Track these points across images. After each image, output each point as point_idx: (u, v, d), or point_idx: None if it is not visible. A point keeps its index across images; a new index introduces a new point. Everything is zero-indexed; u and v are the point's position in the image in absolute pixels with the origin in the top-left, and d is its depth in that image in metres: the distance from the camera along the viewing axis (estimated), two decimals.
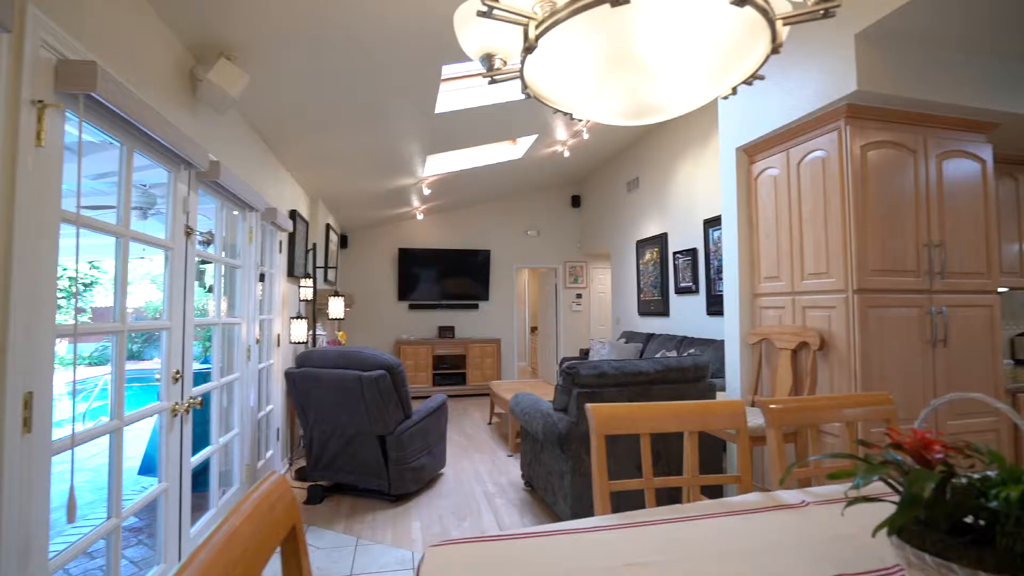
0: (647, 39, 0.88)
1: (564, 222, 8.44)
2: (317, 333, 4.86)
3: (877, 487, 1.31)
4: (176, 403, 2.12)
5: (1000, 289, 2.34)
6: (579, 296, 8.44)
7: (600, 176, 7.57)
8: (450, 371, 7.45)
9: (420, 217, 7.67)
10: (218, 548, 0.59)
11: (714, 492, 2.76)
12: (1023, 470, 0.80)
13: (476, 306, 8.00)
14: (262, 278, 3.53)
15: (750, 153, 2.88)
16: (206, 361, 3.52)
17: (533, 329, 10.48)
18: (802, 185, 2.51)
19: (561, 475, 2.86)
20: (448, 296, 7.84)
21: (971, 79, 2.34)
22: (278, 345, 3.94)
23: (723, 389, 3.11)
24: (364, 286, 7.70)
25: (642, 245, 6.14)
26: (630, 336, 5.91)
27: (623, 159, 6.79)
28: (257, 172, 3.33)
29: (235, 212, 3.01)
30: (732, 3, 0.79)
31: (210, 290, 3.13)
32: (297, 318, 3.97)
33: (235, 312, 3.10)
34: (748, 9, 0.87)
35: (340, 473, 3.49)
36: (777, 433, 1.51)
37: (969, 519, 0.86)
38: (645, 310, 6.07)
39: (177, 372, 2.12)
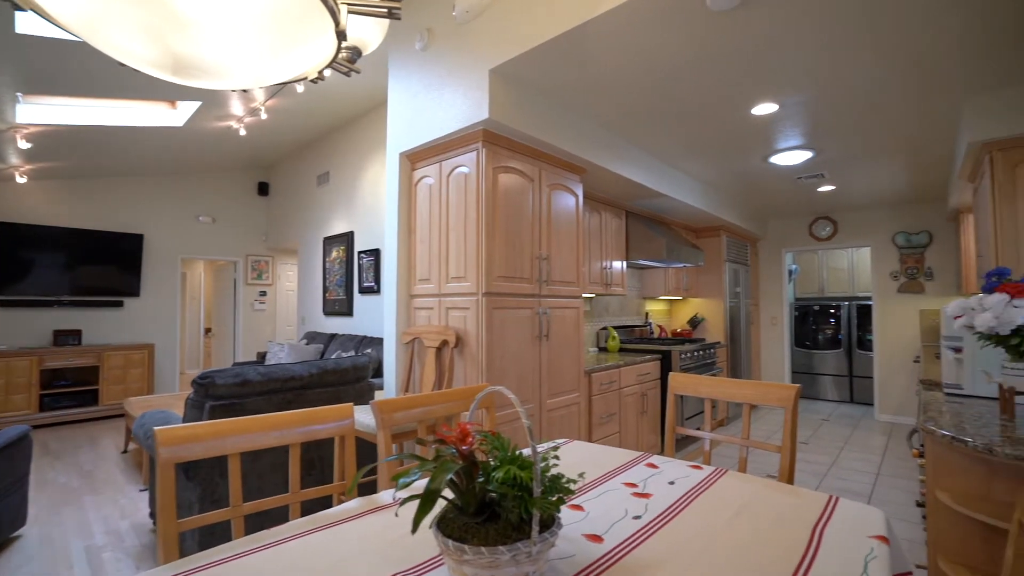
0: None
1: (248, 210, 7.43)
2: None
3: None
4: None
5: (587, 295, 3.10)
6: (263, 294, 7.57)
7: (291, 164, 6.95)
8: (72, 389, 5.62)
9: (22, 180, 5.56)
10: None
11: (369, 489, 2.76)
12: (517, 455, 0.95)
13: (121, 303, 6.27)
14: None
15: (412, 160, 3.01)
16: None
17: (208, 330, 8.93)
18: (450, 196, 2.75)
19: (189, 506, 2.39)
20: (79, 290, 5.89)
21: (570, 130, 2.97)
22: None
23: (382, 388, 3.17)
24: None
25: (329, 242, 5.89)
26: (313, 337, 5.58)
27: (314, 150, 6.39)
28: None
29: None
30: None
31: None
32: None
33: None
34: None
35: None
36: (386, 434, 1.53)
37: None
38: (331, 309, 5.83)
39: None
